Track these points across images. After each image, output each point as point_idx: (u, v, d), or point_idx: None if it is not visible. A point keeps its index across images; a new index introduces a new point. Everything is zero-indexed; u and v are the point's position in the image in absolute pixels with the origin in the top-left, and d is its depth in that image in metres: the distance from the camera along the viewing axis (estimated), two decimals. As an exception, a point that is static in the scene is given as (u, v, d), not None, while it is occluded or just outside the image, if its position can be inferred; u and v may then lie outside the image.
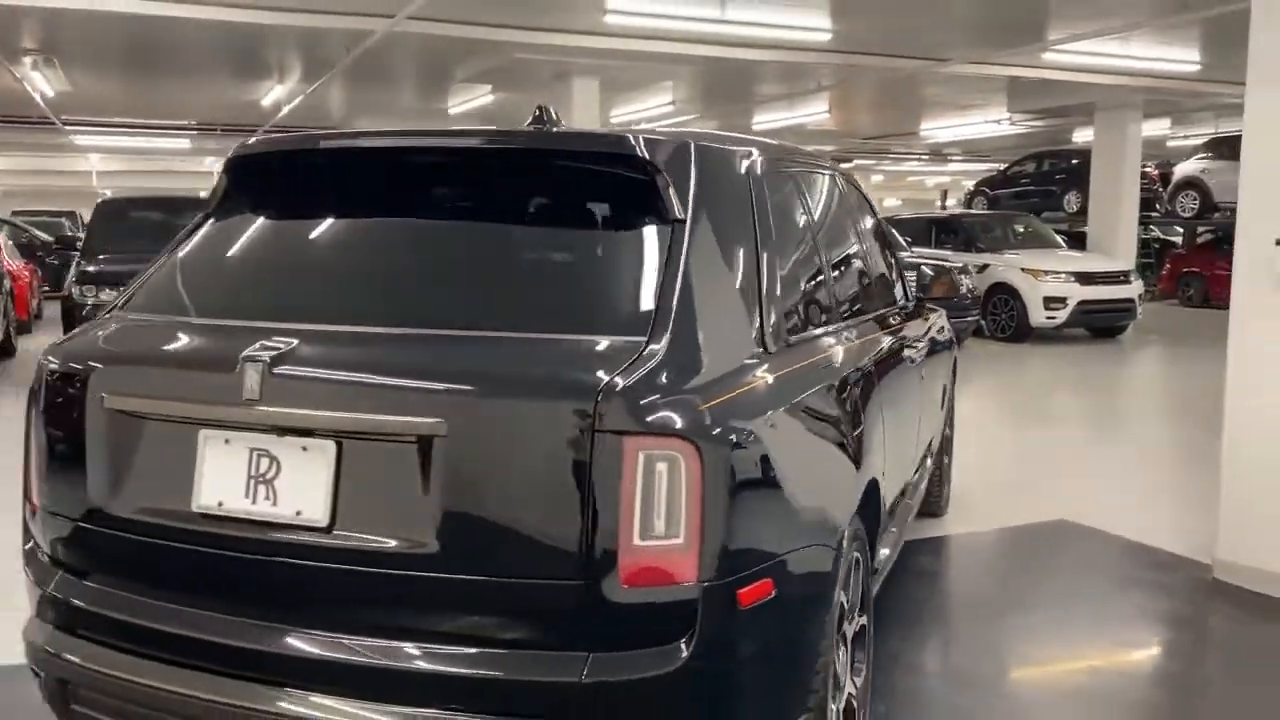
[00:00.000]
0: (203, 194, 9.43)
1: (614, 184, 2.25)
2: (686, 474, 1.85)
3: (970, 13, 9.83)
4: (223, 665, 2.06)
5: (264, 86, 14.11)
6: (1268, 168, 4.34)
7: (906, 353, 3.68)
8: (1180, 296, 18.97)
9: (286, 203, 2.58)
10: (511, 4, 8.90)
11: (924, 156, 26.30)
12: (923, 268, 6.75)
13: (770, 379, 2.22)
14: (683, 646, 1.87)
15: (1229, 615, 4.27)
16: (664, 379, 1.92)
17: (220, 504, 2.08)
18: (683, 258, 2.11)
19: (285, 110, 15.27)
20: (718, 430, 1.91)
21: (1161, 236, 22.42)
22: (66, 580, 2.32)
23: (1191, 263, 19.13)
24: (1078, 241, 16.13)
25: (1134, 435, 8.19)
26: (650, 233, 2.17)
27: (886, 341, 3.38)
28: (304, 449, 2.02)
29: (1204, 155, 18.23)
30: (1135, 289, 13.63)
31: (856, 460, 2.61)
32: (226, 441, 2.09)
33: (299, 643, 2.01)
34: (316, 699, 1.97)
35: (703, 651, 1.87)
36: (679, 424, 1.87)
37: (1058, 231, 15.80)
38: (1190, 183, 17.97)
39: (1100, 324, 13.73)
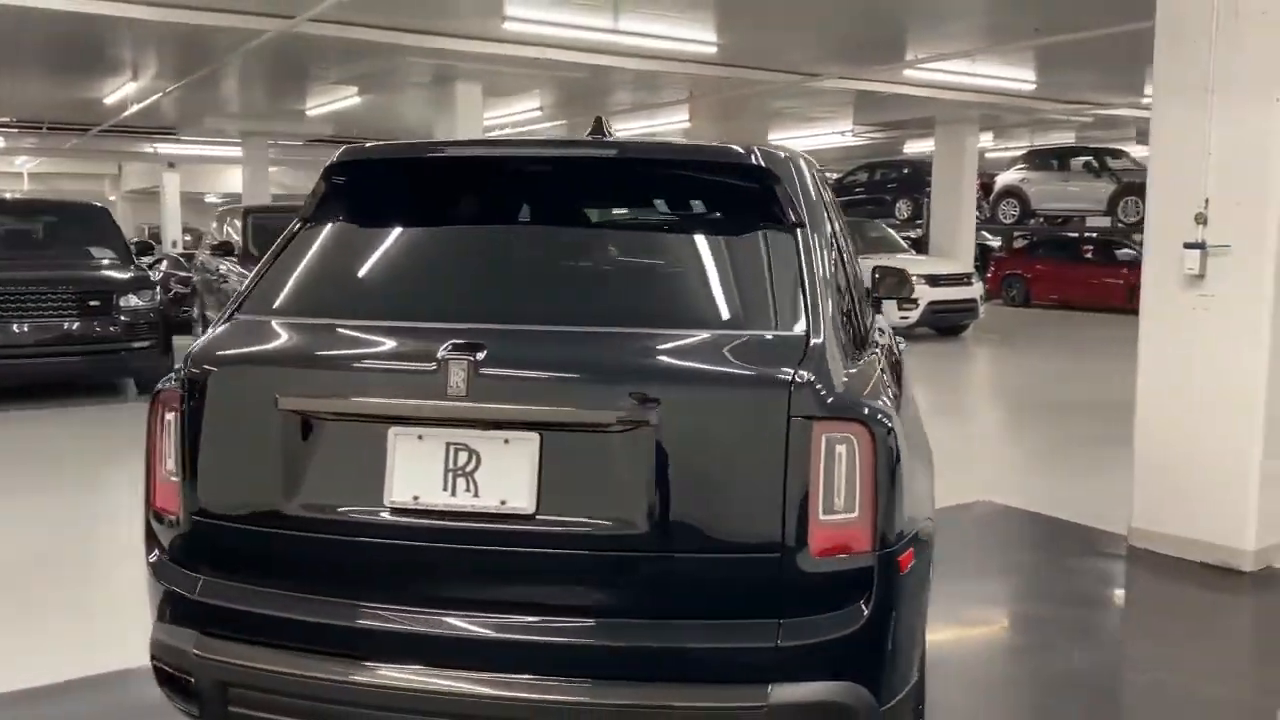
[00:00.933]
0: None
1: (741, 192, 2.45)
2: (860, 454, 2.08)
3: (841, 31, 10.45)
4: (419, 655, 2.12)
5: (111, 84, 13.39)
6: (1172, 175, 4.94)
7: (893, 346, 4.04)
8: (1004, 297, 20.52)
9: (417, 207, 2.63)
10: (416, 9, 8.88)
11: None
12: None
13: (882, 366, 2.49)
14: (863, 608, 2.10)
15: (1145, 577, 4.85)
16: (833, 369, 2.15)
17: (416, 498, 2.14)
18: (806, 258, 2.34)
19: (134, 109, 14.50)
20: (880, 414, 2.15)
21: (982, 242, 24.16)
22: (217, 583, 2.30)
23: (1013, 265, 20.72)
24: (916, 246, 17.24)
25: (1021, 422, 8.95)
26: (779, 237, 2.38)
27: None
28: (505, 441, 2.11)
29: (1022, 166, 19.84)
30: (977, 290, 14.67)
31: None
32: (420, 438, 2.15)
33: (503, 627, 2.11)
34: (528, 680, 2.06)
35: (878, 613, 2.10)
36: (855, 409, 2.11)
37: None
38: (1011, 191, 19.52)
39: (947, 323, 14.52)
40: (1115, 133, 20.13)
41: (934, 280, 14.18)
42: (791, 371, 2.08)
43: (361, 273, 2.54)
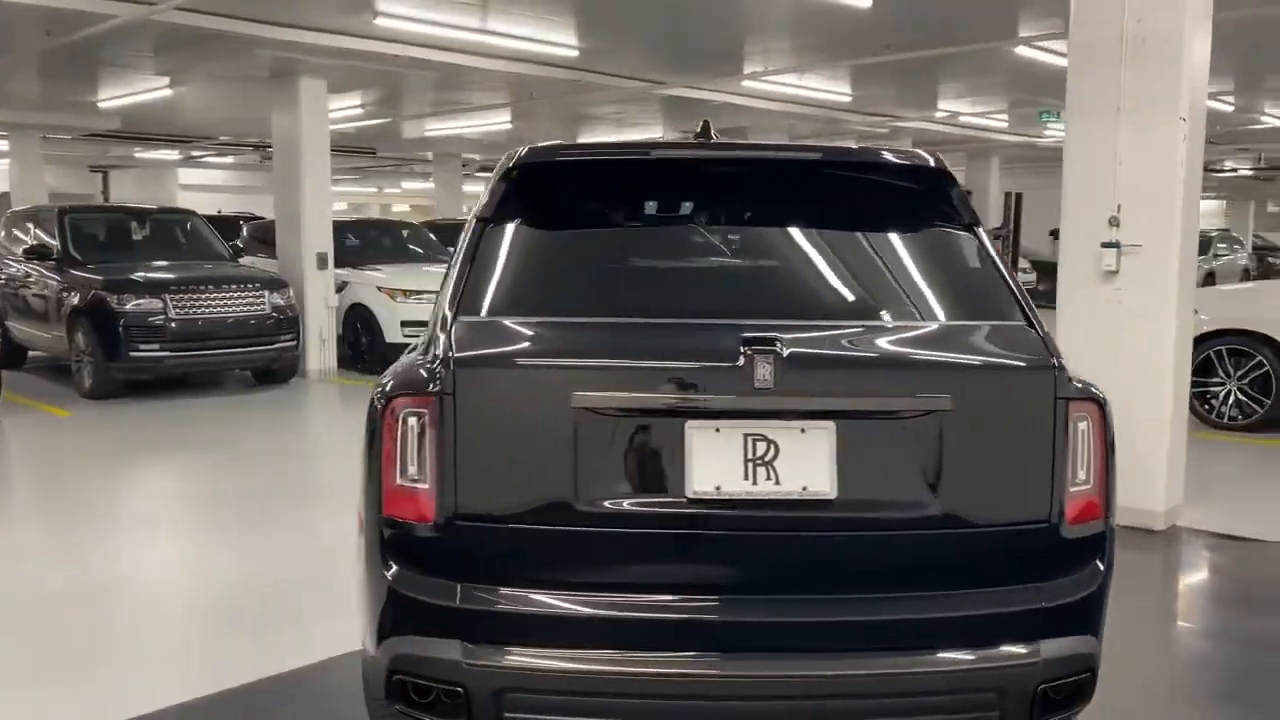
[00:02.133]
0: None
1: (921, 193, 2.65)
2: (1094, 430, 2.34)
3: (691, 43, 10.82)
4: (720, 642, 2.17)
5: None
6: (1086, 183, 5.58)
7: None
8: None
9: (617, 207, 2.65)
10: (284, 2, 8.48)
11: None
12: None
13: None
14: (1099, 567, 2.36)
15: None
16: (1061, 353, 2.40)
17: (718, 488, 2.19)
18: (991, 254, 2.59)
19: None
20: (1102, 394, 2.42)
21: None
22: (484, 589, 2.24)
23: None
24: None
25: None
26: (964, 235, 2.61)
27: None
28: (802, 431, 2.21)
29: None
30: None
31: None
32: (717, 430, 2.20)
33: (807, 608, 2.20)
34: (831, 659, 2.17)
35: (1107, 572, 2.38)
36: (1091, 390, 2.37)
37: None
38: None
39: None
40: (894, 144, 21.86)
41: None
42: (1049, 357, 2.31)
43: (592, 271, 2.55)
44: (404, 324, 11.11)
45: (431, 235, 13.87)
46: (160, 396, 9.76)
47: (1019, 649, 2.22)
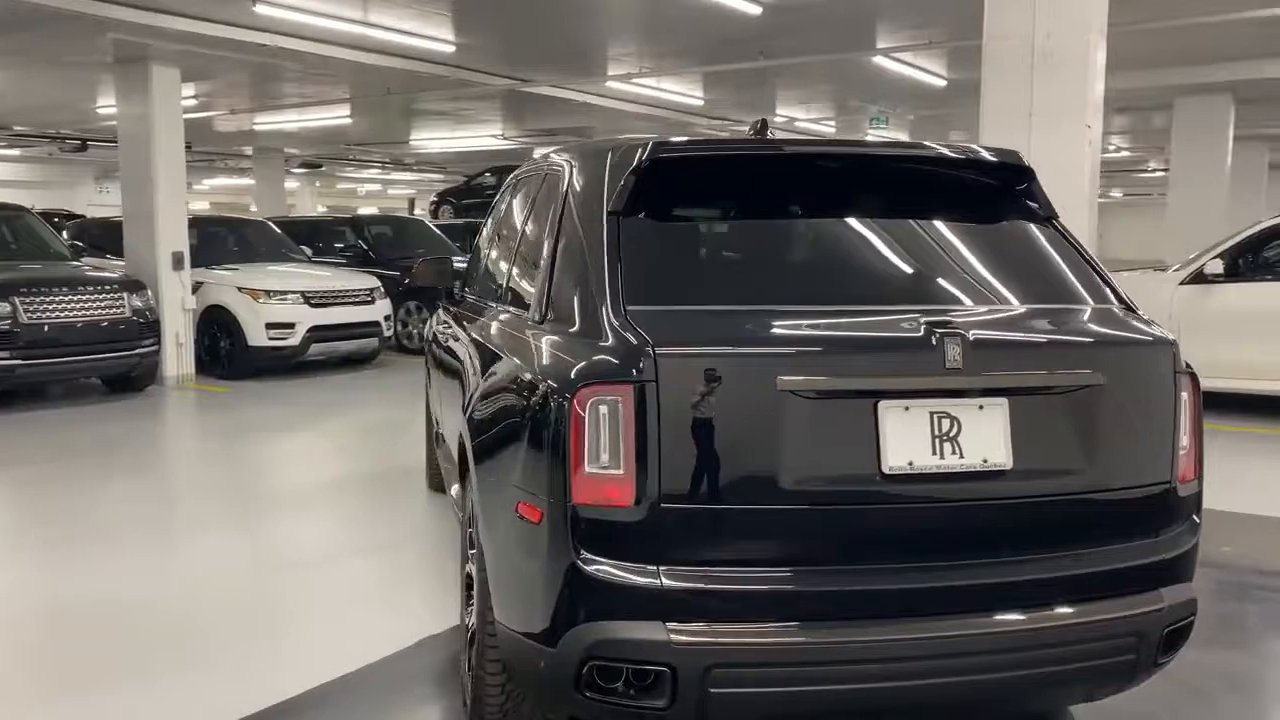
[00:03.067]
0: None
1: (1007, 187, 2.91)
2: (1190, 399, 2.66)
3: (561, 44, 10.92)
4: (914, 607, 2.33)
5: None
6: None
7: None
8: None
9: (747, 200, 2.77)
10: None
11: (386, 164, 26.88)
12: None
13: None
14: (1196, 521, 2.69)
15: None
16: None
17: (910, 464, 2.35)
18: (1076, 243, 2.89)
19: None
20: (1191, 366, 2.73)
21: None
22: (684, 570, 2.29)
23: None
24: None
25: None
26: (1048, 226, 2.89)
27: None
28: (980, 407, 2.40)
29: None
30: (382, 309, 11.49)
31: None
32: (906, 409, 2.35)
33: (987, 571, 2.40)
34: (1012, 616, 2.38)
35: (1199, 525, 2.70)
36: (1189, 364, 2.69)
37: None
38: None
39: (344, 352, 11.29)
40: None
41: (318, 299, 11.57)
42: (1165, 334, 2.61)
43: (749, 261, 2.67)
44: (269, 326, 10.65)
45: (279, 231, 13.28)
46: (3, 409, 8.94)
47: (1153, 596, 2.50)
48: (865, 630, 2.30)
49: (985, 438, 2.40)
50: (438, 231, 14.94)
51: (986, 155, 2.92)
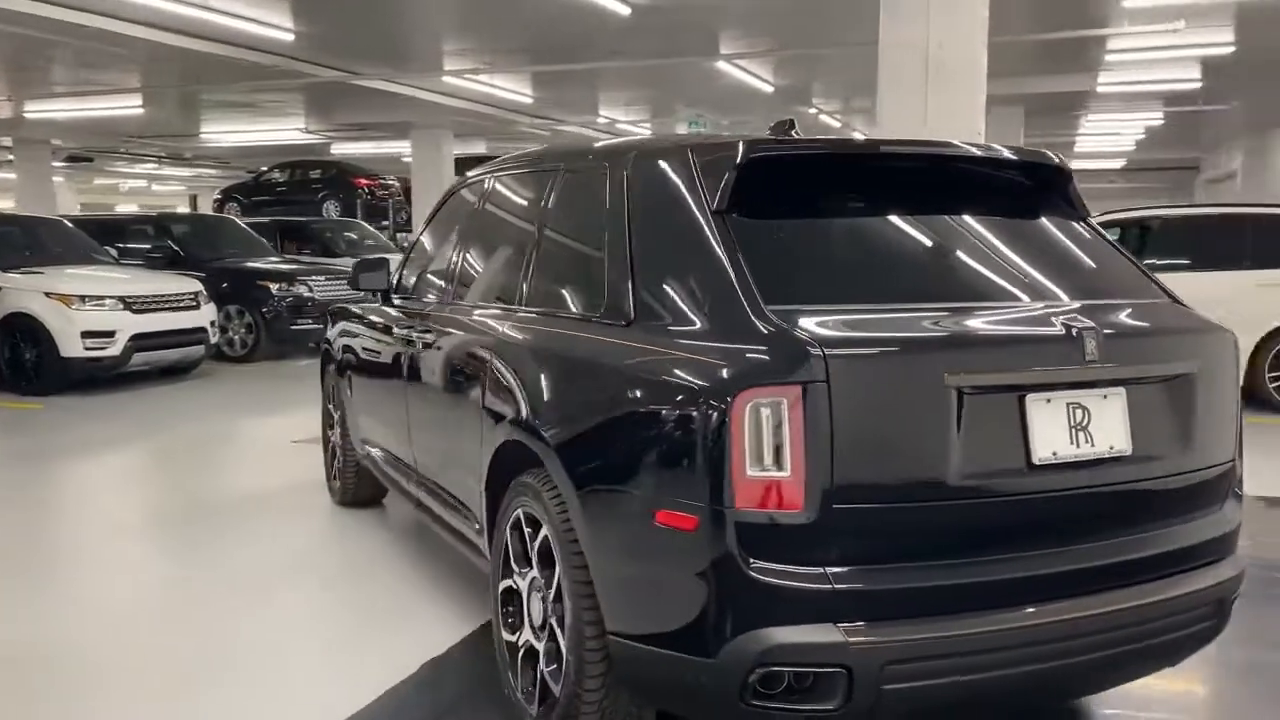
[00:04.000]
0: None
1: (1049, 187, 3.05)
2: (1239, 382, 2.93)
3: (399, 37, 10.61)
4: (1063, 588, 2.41)
5: None
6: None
7: None
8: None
9: (846, 198, 2.80)
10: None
11: (161, 159, 24.99)
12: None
13: None
14: (1239, 494, 2.91)
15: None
16: None
17: (1055, 454, 2.42)
18: (1112, 241, 3.11)
19: None
20: None
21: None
22: (852, 570, 2.27)
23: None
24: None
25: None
26: (1083, 224, 3.09)
27: None
28: (1104, 397, 2.51)
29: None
30: (207, 314, 10.58)
31: None
32: (1047, 401, 2.43)
33: (1117, 549, 2.52)
34: (1138, 589, 2.51)
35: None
36: None
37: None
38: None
39: (170, 361, 10.33)
40: (512, 147, 22.51)
41: (139, 305, 10.46)
42: (1220, 323, 2.86)
43: (871, 259, 2.69)
44: (85, 335, 9.70)
45: (78, 231, 12.06)
46: None
47: (1228, 564, 2.74)
48: (1024, 615, 2.38)
49: (1109, 426, 2.53)
50: (251, 232, 14.08)
51: (1047, 157, 3.07)
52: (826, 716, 2.25)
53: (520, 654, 2.96)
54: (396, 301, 4.59)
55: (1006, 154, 3.05)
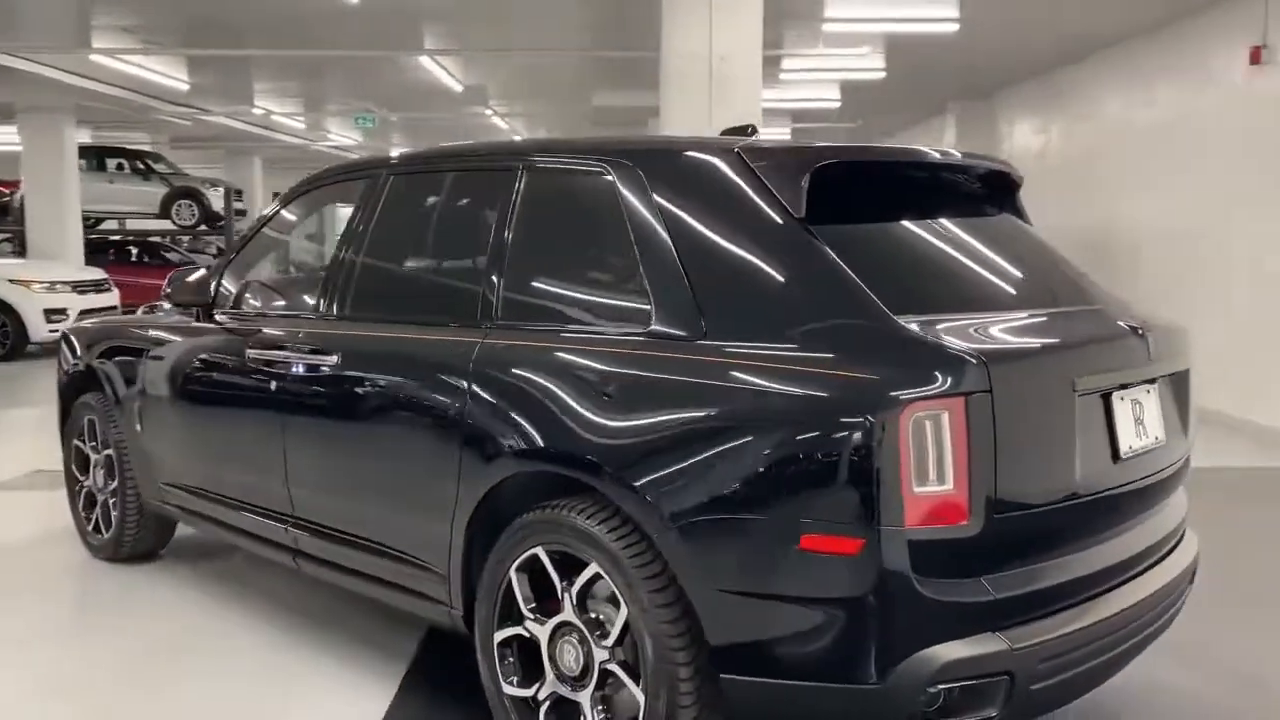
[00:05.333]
0: None
1: (1011, 195, 3.24)
2: None
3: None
4: (1144, 559, 2.70)
5: None
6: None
7: None
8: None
9: (906, 205, 2.84)
10: None
11: None
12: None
13: None
14: None
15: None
16: None
17: (1130, 447, 2.63)
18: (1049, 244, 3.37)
19: None
20: None
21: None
22: (1004, 577, 2.32)
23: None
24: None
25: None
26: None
27: None
28: (1147, 392, 2.76)
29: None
30: (115, 297, 13.12)
31: None
32: (1123, 399, 2.64)
33: (1158, 526, 2.83)
34: (1170, 559, 2.84)
35: None
36: None
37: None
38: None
39: None
40: (137, 135, 20.21)
41: (80, 287, 12.74)
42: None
43: (959, 266, 2.79)
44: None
45: None
46: None
47: (1192, 536, 3.11)
48: (1129, 594, 2.58)
49: (1153, 418, 2.80)
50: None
51: (1003, 167, 3.22)
52: None
53: (543, 709, 2.71)
54: (225, 318, 3.95)
55: (1006, 167, 3.22)
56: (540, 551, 2.68)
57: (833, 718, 2.32)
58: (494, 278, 3.03)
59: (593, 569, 2.57)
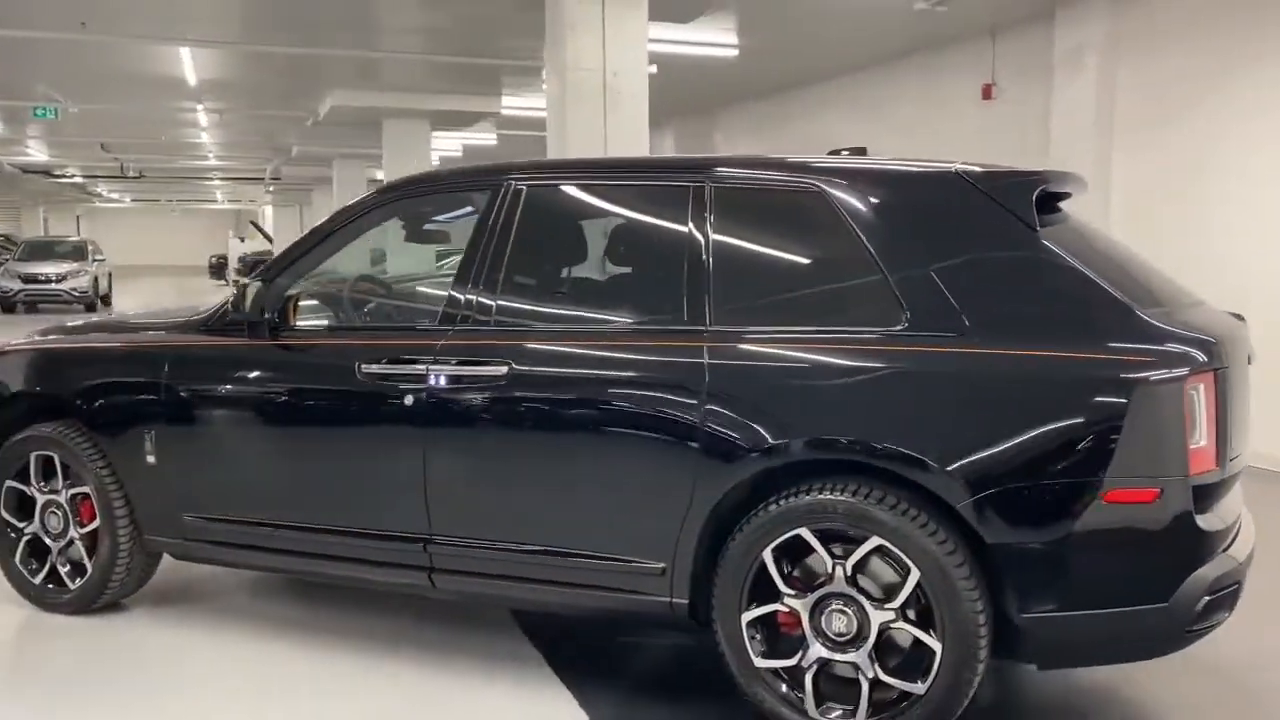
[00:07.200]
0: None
1: None
2: None
3: None
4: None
5: None
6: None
7: None
8: None
9: (1074, 218, 3.28)
10: None
11: None
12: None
13: None
14: None
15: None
16: None
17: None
18: None
19: None
20: None
21: None
22: (1208, 513, 2.84)
23: None
24: None
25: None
26: None
27: None
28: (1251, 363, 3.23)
29: None
30: None
31: None
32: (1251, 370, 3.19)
33: None
34: None
35: None
36: None
37: None
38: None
39: None
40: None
41: None
42: None
43: (1124, 269, 3.18)
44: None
45: None
46: None
47: None
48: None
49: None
50: None
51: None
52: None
53: (808, 675, 2.96)
54: (289, 334, 3.67)
55: None
56: (804, 532, 2.92)
57: (1129, 635, 2.83)
58: (701, 286, 3.15)
59: (873, 542, 2.86)
